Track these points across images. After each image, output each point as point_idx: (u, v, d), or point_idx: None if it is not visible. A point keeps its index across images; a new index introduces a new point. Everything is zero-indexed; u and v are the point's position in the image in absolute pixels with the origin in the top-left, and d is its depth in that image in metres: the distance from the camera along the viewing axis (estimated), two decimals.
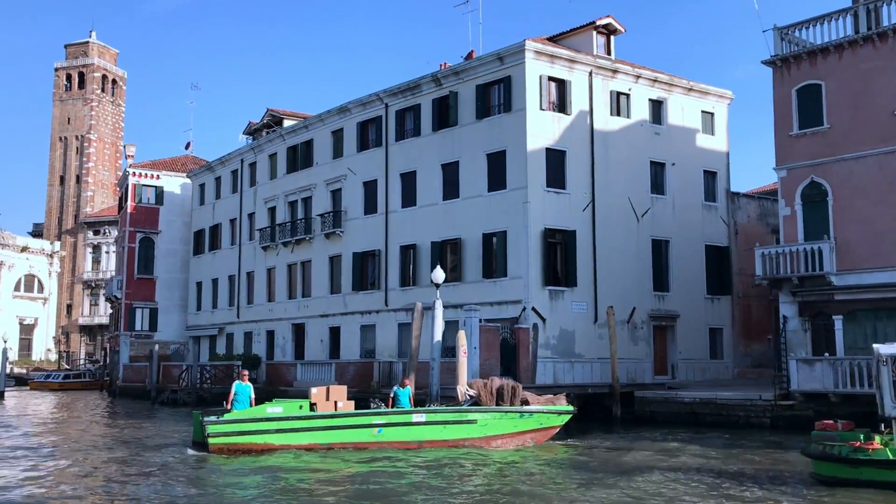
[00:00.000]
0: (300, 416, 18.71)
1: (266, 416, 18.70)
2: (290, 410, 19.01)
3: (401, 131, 35.19)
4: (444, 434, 19.02)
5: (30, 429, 26.28)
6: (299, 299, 40.01)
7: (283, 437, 18.54)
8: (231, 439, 18.50)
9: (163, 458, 18.30)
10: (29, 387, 64.58)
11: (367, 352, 35.57)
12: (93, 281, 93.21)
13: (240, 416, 18.74)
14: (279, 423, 18.55)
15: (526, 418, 19.57)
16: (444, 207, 32.94)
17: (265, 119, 45.73)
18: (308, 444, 18.55)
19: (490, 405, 19.47)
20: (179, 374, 38.68)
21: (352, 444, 18.64)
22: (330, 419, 18.78)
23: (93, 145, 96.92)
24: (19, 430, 25.48)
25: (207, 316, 47.82)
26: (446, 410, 19.72)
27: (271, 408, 19.20)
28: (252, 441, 18.53)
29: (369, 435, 18.71)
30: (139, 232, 50.92)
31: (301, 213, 40.41)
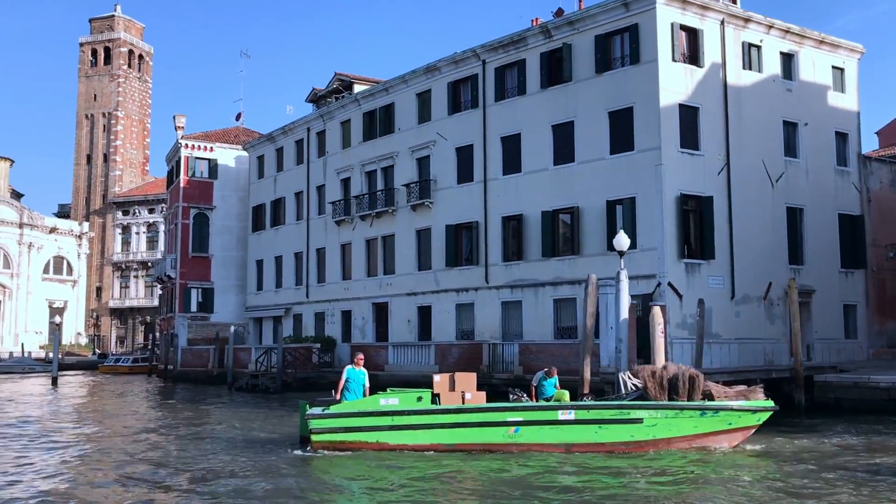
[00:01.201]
0: (420, 409, 15.42)
1: (379, 408, 15.38)
2: (407, 402, 15.56)
3: (501, 90, 31.98)
4: (599, 436, 15.23)
5: (116, 427, 23.43)
6: (381, 277, 37.01)
7: (400, 435, 15.35)
8: (337, 436, 15.32)
9: (266, 459, 15.30)
10: (99, 370, 62.82)
11: (463, 333, 32.61)
12: (123, 262, 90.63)
13: (347, 408, 15.51)
14: (394, 417, 15.32)
15: (710, 417, 15.40)
16: (556, 173, 29.81)
17: (333, 84, 42.56)
18: (429, 445, 15.30)
19: (661, 399, 15.42)
20: (258, 357, 35.78)
21: (481, 445, 15.29)
22: (456, 414, 15.41)
23: (120, 122, 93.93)
24: (91, 429, 22.66)
25: (270, 296, 44.89)
26: (603, 406, 15.73)
27: (385, 399, 15.81)
28: (362, 439, 15.34)
29: (503, 435, 15.27)
30: (193, 207, 47.94)
31: (381, 184, 37.30)
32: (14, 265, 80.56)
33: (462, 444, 15.38)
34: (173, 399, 31.95)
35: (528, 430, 15.31)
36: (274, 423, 21.92)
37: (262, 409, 26.19)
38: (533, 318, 29.94)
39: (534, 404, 15.98)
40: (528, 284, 30.28)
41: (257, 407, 27.11)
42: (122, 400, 32.48)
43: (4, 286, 79.77)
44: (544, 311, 29.63)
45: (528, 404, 15.94)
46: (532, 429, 15.31)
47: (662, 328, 17.61)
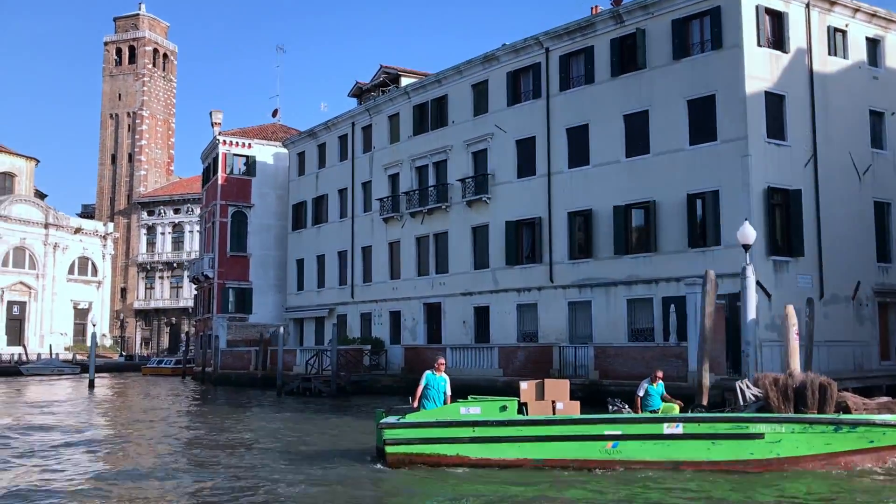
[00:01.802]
0: (505, 420, 13.74)
1: (459, 418, 13.76)
2: (490, 412, 13.85)
3: (566, 79, 30.43)
4: (712, 453, 13.26)
5: (171, 435, 21.99)
6: (433, 276, 35.50)
7: (482, 449, 13.67)
8: (414, 448, 13.72)
9: (344, 472, 13.83)
10: (142, 372, 62.42)
11: (525, 335, 31.05)
12: (148, 263, 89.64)
13: (424, 417, 13.93)
14: (476, 429, 13.67)
15: (845, 433, 13.25)
16: (629, 165, 28.22)
17: (379, 78, 41.13)
18: (515, 460, 13.60)
19: (785, 411, 13.38)
20: (308, 359, 34.31)
21: (574, 461, 13.51)
22: (546, 426, 13.71)
23: (145, 122, 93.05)
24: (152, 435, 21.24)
25: (312, 296, 43.48)
26: (716, 418, 13.64)
27: (466, 407, 14.24)
28: (440, 452, 13.69)
29: (600, 450, 13.50)
30: (231, 205, 46.61)
31: (432, 180, 35.81)
32: (39, 266, 79.60)
33: (553, 459, 13.65)
34: (223, 404, 30.54)
35: (629, 444, 13.47)
36: (344, 430, 20.43)
37: (323, 415, 24.71)
38: (604, 320, 28.34)
39: (635, 416, 14.14)
40: (598, 284, 28.68)
41: (316, 412, 25.63)
42: (167, 406, 31.13)
43: (30, 287, 78.83)
44: (616, 312, 28.03)
45: (628, 416, 14.13)
46: (633, 444, 13.46)
47: (797, 329, 15.88)
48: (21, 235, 77.73)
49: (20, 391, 39.68)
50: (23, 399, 34.01)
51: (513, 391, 27.55)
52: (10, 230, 76.69)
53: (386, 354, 34.09)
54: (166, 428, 21.60)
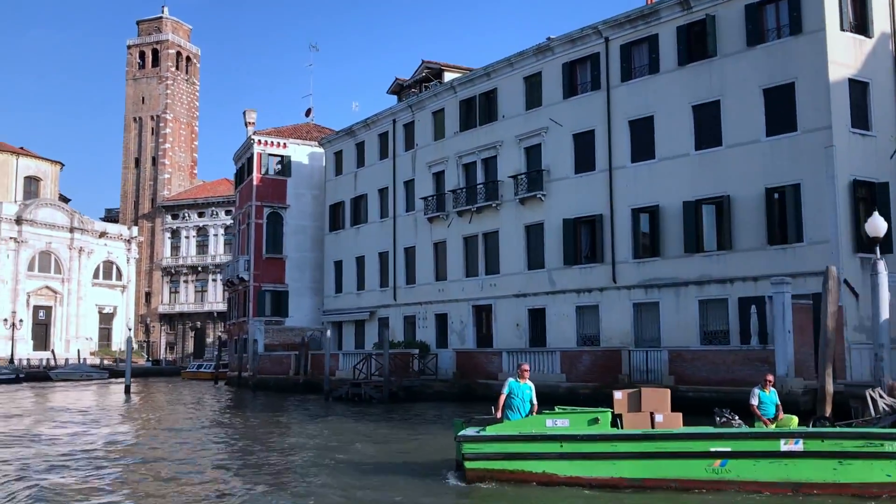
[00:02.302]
0: (596, 434, 12.23)
1: (545, 432, 12.24)
2: (580, 425, 12.34)
3: (628, 69, 29.02)
4: (839, 474, 11.48)
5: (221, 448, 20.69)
6: (482, 277, 34.12)
7: (571, 466, 12.14)
8: (495, 464, 12.25)
9: (418, 488, 12.45)
10: (182, 376, 62.26)
11: (586, 338, 29.61)
12: (172, 267, 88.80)
13: (506, 430, 12.42)
14: (564, 443, 12.17)
15: None
16: (699, 158, 26.74)
17: (420, 73, 39.86)
18: (608, 479, 12.04)
19: None
20: (357, 363, 32.98)
21: (676, 481, 11.91)
22: (644, 442, 12.13)
23: (168, 125, 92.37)
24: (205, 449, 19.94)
25: (351, 299, 42.21)
26: (844, 434, 11.67)
27: (553, 420, 12.72)
28: (525, 468, 12.21)
29: (706, 469, 11.85)
30: (266, 206, 45.45)
31: (481, 177, 34.46)
32: (65, 270, 78.98)
33: (651, 479, 12.02)
34: (271, 412, 29.27)
35: (740, 463, 11.72)
36: (409, 440, 19.08)
37: (379, 423, 23.34)
38: (673, 322, 26.85)
39: (747, 430, 12.41)
40: (666, 284, 27.21)
41: (372, 420, 24.26)
42: (213, 414, 29.91)
43: (56, 291, 78.20)
44: (687, 313, 26.54)
45: (739, 430, 12.42)
46: (745, 462, 11.70)
47: None
48: (47, 240, 77.18)
49: (54, 397, 38.65)
50: (60, 405, 32.94)
51: (575, 397, 26.26)
52: (35, 234, 76.13)
53: (436, 358, 32.70)
54: (222, 438, 20.33)
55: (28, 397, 38.91)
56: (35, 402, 35.13)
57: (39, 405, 33.27)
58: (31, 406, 32.90)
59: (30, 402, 35.27)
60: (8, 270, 73.93)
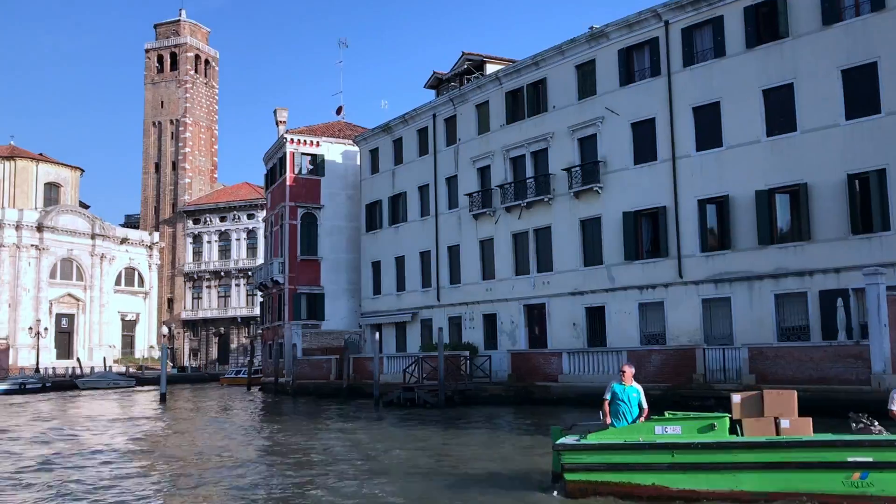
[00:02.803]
0: (713, 442, 10.74)
1: (654, 440, 10.89)
2: (694, 433, 10.86)
3: (690, 54, 27.69)
4: None
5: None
6: (534, 275, 32.82)
7: (685, 478, 10.72)
8: (599, 476, 10.88)
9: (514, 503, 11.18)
10: (221, 382, 62.29)
11: (650, 337, 28.26)
12: (194, 273, 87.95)
13: (609, 438, 11.10)
14: (677, 453, 10.75)
15: None
16: (772, 145, 25.37)
17: (461, 66, 38.64)
18: (728, 492, 10.58)
19: None
20: (407, 367, 31.71)
21: (807, 495, 10.37)
22: (768, 451, 10.62)
23: (188, 129, 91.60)
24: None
25: (391, 300, 40.98)
26: None
27: (662, 426, 11.32)
28: (632, 481, 10.84)
29: (844, 482, 10.34)
30: (300, 207, 44.32)
31: (530, 171, 33.17)
32: (87, 277, 78.18)
33: (779, 493, 10.46)
34: (321, 419, 28.05)
35: (885, 476, 10.05)
36: (483, 448, 17.80)
37: (443, 429, 22.05)
38: (746, 318, 25.47)
39: (891, 437, 11.17)
40: (738, 278, 25.83)
41: (437, 426, 22.97)
42: (259, 422, 28.75)
43: (78, 299, 77.42)
44: (762, 308, 25.16)
45: (881, 437, 11.03)
46: (891, 475, 10.20)
47: None
48: (68, 247, 76.43)
49: (88, 407, 37.62)
50: (96, 414, 31.87)
51: (647, 400, 24.88)
52: (57, 241, 75.39)
53: (488, 361, 31.39)
54: (280, 451, 19.11)
55: (61, 407, 37.88)
56: (70, 413, 34.07)
57: (76, 416, 32.19)
58: (70, 417, 31.83)
59: (64, 412, 34.22)
60: (30, 278, 73.18)
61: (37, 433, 23.81)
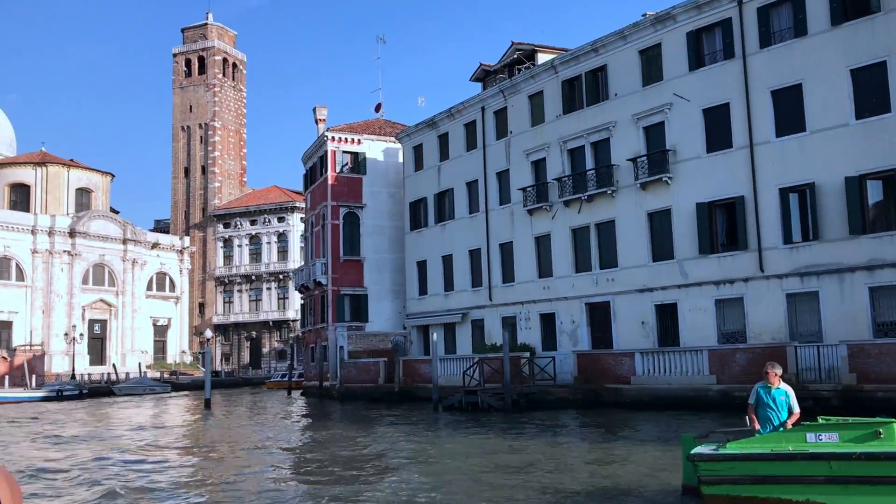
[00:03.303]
0: (880, 452, 9.04)
1: (806, 449, 9.30)
2: (855, 441, 9.25)
3: (767, 34, 26.06)
4: None
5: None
6: (596, 271, 31.27)
7: (846, 495, 9.19)
8: (743, 489, 9.23)
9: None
10: (267, 386, 62.60)
11: (728, 335, 26.61)
12: (225, 277, 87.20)
13: (754, 448, 9.58)
14: (835, 464, 9.19)
15: None
16: (861, 129, 23.69)
17: (510, 56, 37.23)
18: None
19: None
20: (467, 369, 30.25)
21: None
22: None
23: (217, 133, 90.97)
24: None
25: (439, 301, 39.58)
26: None
27: (815, 434, 9.77)
28: (783, 496, 9.11)
29: None
30: (342, 206, 43.06)
31: (590, 163, 31.66)
32: (119, 283, 77.60)
33: None
34: (381, 425, 26.70)
35: None
36: (581, 457, 16.34)
37: (535, 437, 20.62)
38: (837, 313, 23.78)
39: None
40: (826, 270, 24.15)
41: (518, 433, 21.49)
42: (315, 430, 27.47)
43: (110, 305, 76.84)
44: (854, 303, 23.46)
45: None
46: None
47: None
48: (100, 252, 75.88)
49: (131, 415, 36.58)
50: (145, 424, 30.77)
51: (730, 401, 23.26)
52: (89, 247, 74.85)
53: (553, 362, 29.87)
54: (363, 464, 17.75)
55: (103, 415, 36.88)
56: (115, 422, 33.00)
57: (123, 425, 31.11)
58: (120, 428, 30.75)
59: (110, 420, 33.18)
60: (63, 284, 72.65)
61: (110, 449, 22.67)
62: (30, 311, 70.11)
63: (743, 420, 10.62)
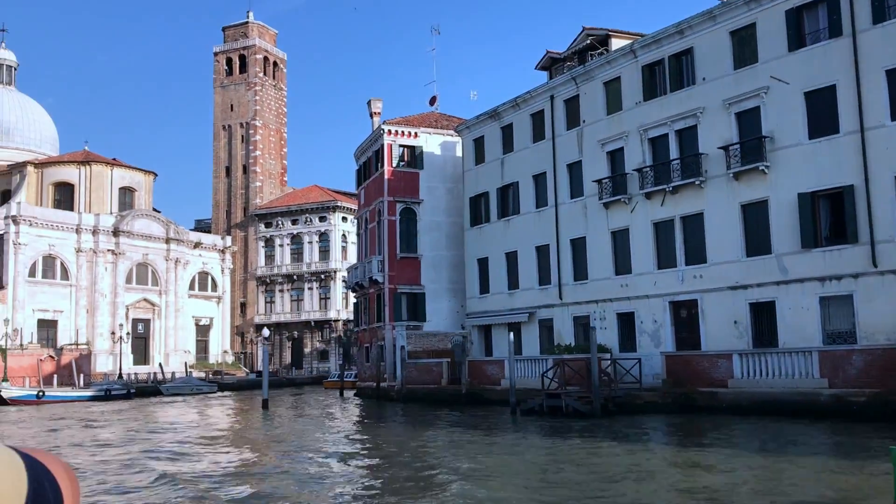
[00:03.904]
0: None
1: None
2: None
3: (881, 9, 23.93)
4: None
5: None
6: (681, 267, 29.33)
7: None
8: None
9: None
10: (324, 385, 62.20)
11: (834, 335, 24.52)
12: (267, 276, 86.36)
13: None
14: None
15: None
16: None
17: (583, 42, 35.42)
18: None
19: None
20: (547, 370, 28.44)
21: None
22: None
23: (258, 132, 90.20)
24: None
25: (502, 299, 37.84)
26: None
27: None
28: None
29: None
30: (399, 202, 41.59)
31: (674, 152, 29.73)
32: (162, 282, 77.09)
33: None
34: (463, 429, 25.07)
35: None
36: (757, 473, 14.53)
37: (650, 448, 18.84)
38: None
39: None
40: None
41: (624, 443, 19.73)
42: (397, 435, 25.94)
43: (153, 304, 76.34)
44: None
45: None
46: None
47: None
48: (143, 251, 75.41)
49: (188, 415, 35.42)
50: (208, 422, 29.54)
51: (846, 407, 21.21)
52: (133, 246, 74.39)
53: (638, 364, 27.98)
54: (467, 475, 16.13)
55: (159, 416, 35.77)
56: (179, 423, 31.80)
57: (188, 426, 29.87)
58: (185, 428, 29.51)
59: (171, 421, 32.00)
60: (107, 283, 72.22)
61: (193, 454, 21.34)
62: (74, 311, 69.75)
63: None
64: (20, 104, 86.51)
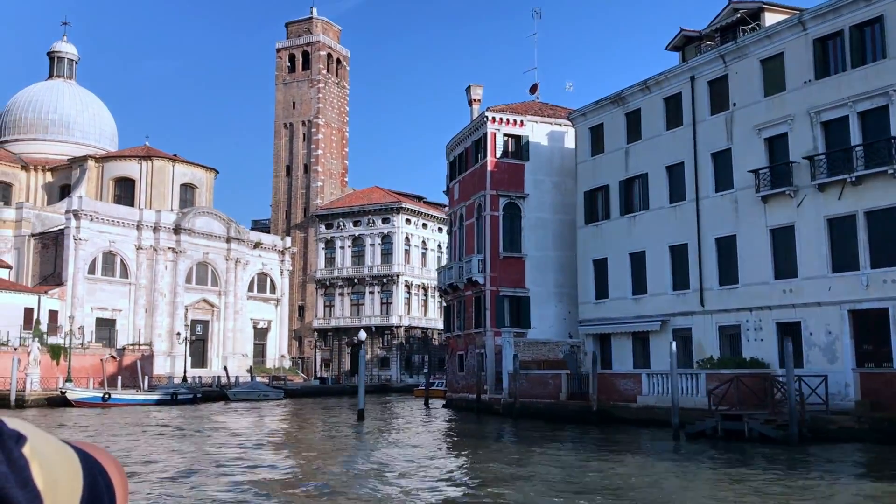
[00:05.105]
0: None
1: None
2: None
3: None
4: None
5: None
6: (865, 271, 25.14)
7: None
8: None
9: None
10: (414, 394, 59.47)
11: None
12: (327, 279, 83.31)
13: None
14: None
15: None
16: None
17: (729, 17, 31.47)
18: None
19: None
20: (714, 388, 24.36)
21: None
22: None
23: (321, 131, 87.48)
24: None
25: (625, 305, 33.87)
26: None
27: None
28: None
29: None
30: (502, 196, 37.93)
31: (856, 137, 25.61)
32: (221, 282, 74.35)
33: None
34: (615, 456, 21.21)
35: None
36: None
37: None
38: None
39: None
40: None
41: (859, 478, 15.70)
42: (550, 461, 22.18)
43: (213, 305, 73.59)
44: None
45: None
46: None
47: None
48: (204, 250, 72.74)
49: (290, 427, 32.06)
50: (304, 435, 26.10)
51: None
52: (193, 244, 71.76)
53: (825, 382, 23.83)
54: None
55: (241, 424, 32.45)
56: (278, 433, 28.41)
57: (284, 439, 26.45)
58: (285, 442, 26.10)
59: (268, 430, 28.61)
60: (166, 282, 69.62)
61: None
62: (133, 310, 67.21)
63: None
64: (80, 98, 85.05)
